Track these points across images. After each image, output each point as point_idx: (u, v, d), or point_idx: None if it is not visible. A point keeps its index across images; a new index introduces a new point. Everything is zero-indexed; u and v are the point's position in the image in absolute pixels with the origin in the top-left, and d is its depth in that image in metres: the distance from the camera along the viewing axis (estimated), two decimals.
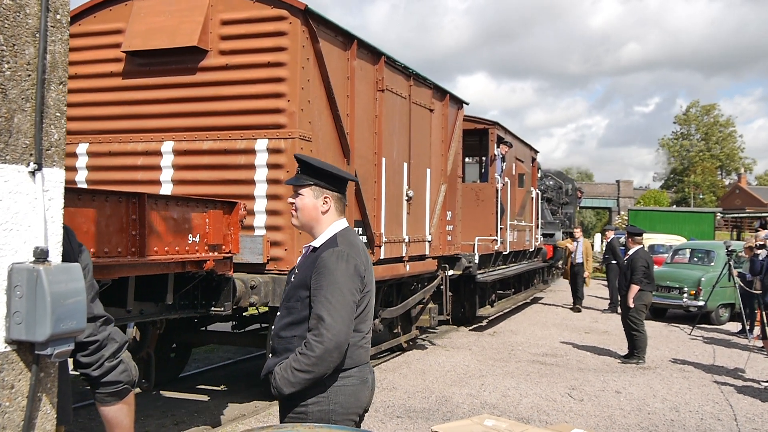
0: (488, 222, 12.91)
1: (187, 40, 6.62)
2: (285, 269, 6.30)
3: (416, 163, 9.12)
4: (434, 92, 9.83)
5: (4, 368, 1.94)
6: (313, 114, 6.63)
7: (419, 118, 9.27)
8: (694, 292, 14.04)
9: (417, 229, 9.14)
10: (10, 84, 1.94)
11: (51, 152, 2.07)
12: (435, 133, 9.87)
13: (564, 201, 25.31)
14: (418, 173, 9.18)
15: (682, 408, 7.38)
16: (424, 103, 9.42)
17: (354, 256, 2.84)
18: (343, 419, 2.81)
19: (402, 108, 8.73)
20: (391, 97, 8.34)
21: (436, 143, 9.94)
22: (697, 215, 35.87)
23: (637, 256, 9.79)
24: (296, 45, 6.43)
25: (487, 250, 12.57)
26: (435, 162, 9.87)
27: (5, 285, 1.94)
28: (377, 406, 7.03)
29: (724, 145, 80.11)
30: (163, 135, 6.92)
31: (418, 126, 9.24)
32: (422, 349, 10.19)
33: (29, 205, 2.00)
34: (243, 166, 6.54)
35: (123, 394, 2.30)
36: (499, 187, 13.08)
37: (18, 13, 1.96)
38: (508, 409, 7.13)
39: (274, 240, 6.42)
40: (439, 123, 10.05)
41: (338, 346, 2.71)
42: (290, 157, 6.29)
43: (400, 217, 8.56)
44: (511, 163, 14.42)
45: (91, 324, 2.20)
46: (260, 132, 6.53)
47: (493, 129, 13.37)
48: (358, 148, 7.47)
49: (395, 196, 8.41)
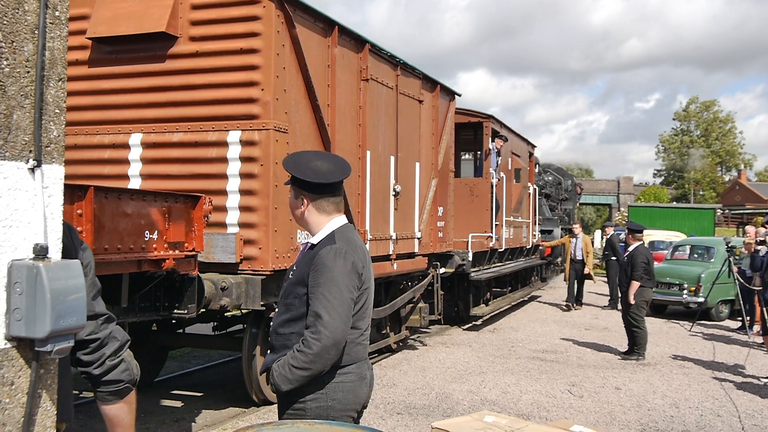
0: (483, 218, 12.56)
1: (156, 26, 6.25)
2: (259, 269, 6.00)
3: (404, 156, 8.74)
4: (423, 83, 9.41)
5: (4, 365, 1.94)
6: (289, 104, 6.28)
7: (407, 109, 8.87)
8: (694, 289, 14.05)
9: (405, 225, 8.78)
10: (9, 81, 1.94)
11: (50, 149, 2.07)
12: (425, 125, 9.48)
13: (563, 197, 24.97)
14: (406, 167, 8.81)
15: (682, 404, 7.38)
16: (412, 93, 9.02)
17: (351, 252, 2.84)
18: (341, 415, 2.82)
19: (388, 99, 8.33)
20: (376, 87, 7.94)
21: (426, 136, 9.56)
22: (697, 211, 35.93)
23: (637, 253, 9.79)
24: (270, 30, 6.04)
25: (481, 247, 12.26)
26: (425, 156, 9.49)
27: (5, 282, 1.94)
28: (377, 403, 7.04)
29: (724, 141, 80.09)
30: (131, 127, 6.54)
31: (407, 118, 8.84)
32: (413, 350, 9.96)
33: (29, 202, 2.00)
34: (215, 160, 6.19)
35: (124, 393, 2.30)
36: (494, 183, 12.74)
37: (17, 10, 1.96)
38: (508, 405, 7.14)
39: (247, 238, 6.05)
40: (429, 115, 9.67)
41: (336, 344, 2.72)
42: (264, 149, 6.03)
43: (386, 214, 8.22)
44: (507, 157, 14.06)
45: (92, 322, 2.20)
46: (233, 123, 6.15)
47: (487, 122, 12.98)
48: (340, 141, 7.11)
49: (381, 191, 8.05)
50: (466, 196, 12.49)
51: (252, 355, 6.62)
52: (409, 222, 8.90)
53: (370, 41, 7.74)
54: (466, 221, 12.01)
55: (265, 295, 6.08)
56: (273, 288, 6.21)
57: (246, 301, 5.93)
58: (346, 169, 3.00)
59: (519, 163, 15.27)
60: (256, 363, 6.61)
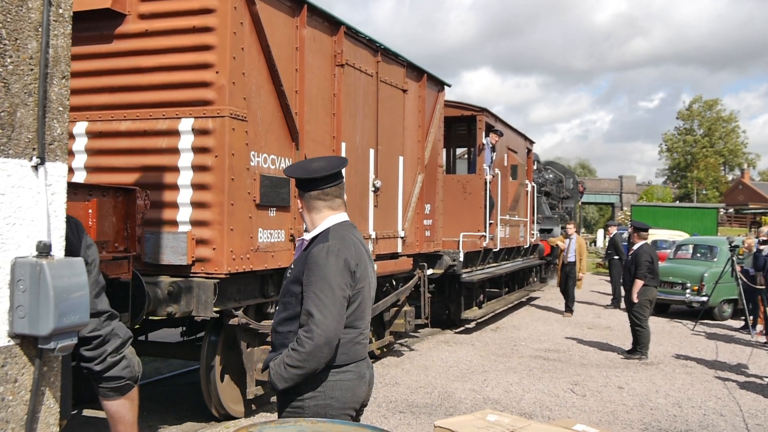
0: (476, 216, 11.93)
1: (101, 2, 5.66)
2: (213, 272, 5.43)
3: (386, 149, 8.08)
4: (408, 71, 8.75)
5: (7, 362, 1.95)
6: (249, 89, 5.69)
7: (389, 99, 8.21)
8: (696, 288, 14.04)
9: (387, 224, 8.13)
10: (12, 78, 1.94)
11: (54, 146, 2.07)
12: (410, 116, 8.84)
13: (564, 195, 24.32)
14: (388, 161, 8.14)
15: (684, 403, 7.37)
16: (395, 82, 8.36)
17: (344, 250, 2.84)
18: (339, 414, 2.83)
19: (368, 87, 7.68)
20: (353, 73, 7.31)
21: (412, 128, 8.93)
22: (700, 211, 35.92)
23: (641, 251, 9.76)
24: (226, 6, 5.46)
25: (474, 246, 11.69)
26: (410, 149, 8.86)
27: (8, 279, 1.94)
28: (380, 401, 7.04)
29: (727, 141, 79.97)
30: (76, 114, 5.87)
31: (389, 108, 8.19)
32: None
33: (32, 200, 2.00)
34: (165, 151, 5.58)
35: (125, 390, 2.31)
36: (488, 179, 12.07)
37: (20, 8, 1.96)
38: (511, 404, 7.14)
39: (200, 237, 5.46)
40: (414, 106, 9.03)
41: (328, 342, 2.72)
42: (219, 138, 5.44)
43: (364, 211, 7.58)
44: (503, 153, 13.43)
45: (95, 319, 2.21)
46: (185, 110, 5.56)
47: (481, 116, 12.32)
48: (311, 131, 6.54)
49: (359, 187, 7.40)
50: (458, 193, 11.94)
51: (210, 366, 6.06)
52: (391, 220, 8.29)
53: (346, 23, 7.13)
54: (459, 220, 11.52)
55: (223, 300, 5.58)
56: (233, 292, 5.78)
57: (197, 307, 5.41)
58: (337, 163, 3.03)
59: (515, 159, 14.73)
60: (215, 375, 6.04)
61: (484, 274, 12.21)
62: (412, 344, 10.32)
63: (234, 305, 5.81)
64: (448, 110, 11.42)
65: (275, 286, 6.32)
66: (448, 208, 10.85)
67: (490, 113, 12.64)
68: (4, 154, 1.92)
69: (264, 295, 6.29)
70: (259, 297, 6.26)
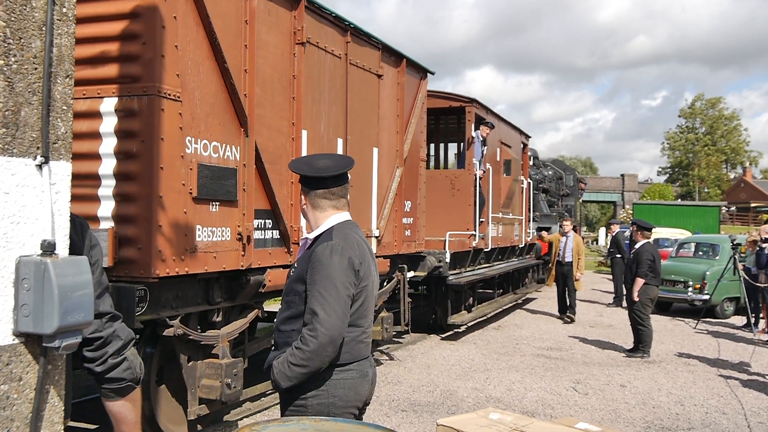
0: (465, 214, 11.08)
1: None
2: (139, 275, 4.66)
3: (357, 140, 7.32)
4: (384, 55, 7.96)
5: (12, 360, 1.95)
6: (183, 64, 4.89)
7: (362, 84, 7.44)
8: (698, 286, 14.03)
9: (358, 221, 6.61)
10: (17, 77, 1.95)
11: (58, 145, 2.08)
12: (386, 105, 8.06)
13: (564, 192, 23.76)
14: (359, 153, 7.29)
15: (686, 402, 7.37)
16: (368, 66, 7.57)
17: (348, 249, 2.84)
18: (342, 412, 2.83)
19: (335, 69, 6.91)
20: (316, 53, 6.54)
21: (388, 118, 8.12)
22: (702, 209, 35.90)
23: (643, 250, 9.75)
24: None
25: (462, 246, 10.83)
26: (386, 140, 8.06)
27: (13, 278, 1.95)
28: (382, 400, 7.05)
29: (729, 139, 79.91)
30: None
31: (360, 94, 7.41)
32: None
33: (36, 198, 2.00)
34: (85, 136, 4.72)
35: (126, 392, 2.31)
36: (479, 174, 11.26)
37: (24, 7, 1.96)
38: (513, 402, 7.14)
39: (124, 235, 4.69)
40: (392, 93, 8.26)
41: (332, 341, 2.73)
42: (146, 121, 4.66)
43: None
44: (495, 147, 12.63)
45: (97, 320, 2.21)
46: (107, 88, 4.77)
47: (470, 107, 11.43)
48: (263, 116, 5.74)
49: None
50: (446, 189, 11.17)
51: (146, 382, 5.23)
52: (363, 217, 7.45)
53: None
54: (446, 218, 10.79)
55: (155, 308, 4.85)
56: (168, 299, 5.01)
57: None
58: (344, 164, 3.02)
59: (509, 153, 13.79)
60: (151, 392, 5.35)
61: (473, 275, 11.38)
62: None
63: (169, 314, 5.02)
64: (436, 101, 10.99)
65: (223, 291, 5.61)
66: (435, 206, 10.44)
67: (480, 104, 11.79)
68: (9, 153, 1.92)
69: (209, 301, 5.47)
70: (203, 304, 5.44)
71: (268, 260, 5.88)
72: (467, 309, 11.67)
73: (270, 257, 5.92)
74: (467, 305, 11.70)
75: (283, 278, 5.65)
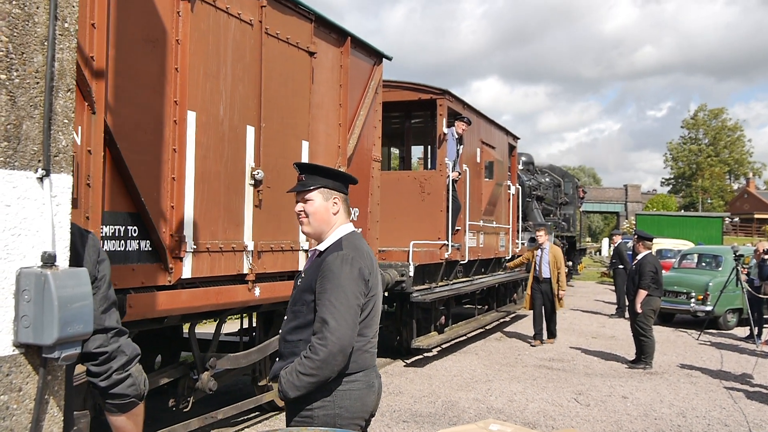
0: (436, 222, 9.78)
1: None
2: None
3: (276, 130, 5.91)
4: (319, 29, 6.59)
5: (12, 371, 1.97)
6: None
7: (285, 61, 6.04)
8: (701, 297, 14.01)
9: (279, 231, 5.96)
10: (19, 91, 1.97)
11: (59, 158, 2.10)
12: (323, 90, 6.71)
13: (563, 200, 22.76)
14: (280, 145, 5.98)
15: (689, 413, 7.35)
16: (295, 40, 6.18)
17: (359, 259, 2.87)
18: (348, 423, 2.83)
19: (243, 38, 5.52)
20: (212, 14, 5.17)
21: (326, 107, 6.78)
22: (705, 220, 35.88)
23: (645, 261, 9.76)
24: None
25: (432, 258, 9.51)
26: (322, 133, 6.72)
27: (13, 289, 1.97)
28: (383, 411, 7.04)
29: (732, 150, 79.91)
30: None
31: (283, 74, 6.02)
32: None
33: (37, 211, 2.03)
34: None
35: (128, 408, 2.32)
36: (452, 176, 9.97)
37: (27, 22, 1.99)
38: (515, 413, 7.13)
39: None
40: (332, 78, 6.89)
41: (342, 350, 2.73)
42: None
43: (237, 211, 5.44)
44: (475, 147, 11.38)
45: (102, 335, 2.22)
46: None
47: (441, 99, 10.06)
48: (125, 89, 4.41)
49: (226, 177, 5.30)
50: (414, 193, 9.89)
51: None
52: (288, 226, 6.05)
53: None
54: (416, 225, 9.64)
55: None
56: None
57: None
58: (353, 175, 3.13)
59: (491, 155, 12.32)
60: None
61: (444, 291, 9.92)
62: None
63: None
64: (403, 93, 10.06)
65: None
66: (402, 212, 9.45)
67: (453, 96, 10.39)
68: (10, 166, 1.95)
69: None
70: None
71: (130, 279, 4.44)
72: (438, 329, 10.30)
73: (134, 275, 4.48)
74: (438, 325, 10.29)
75: (167, 302, 4.71)
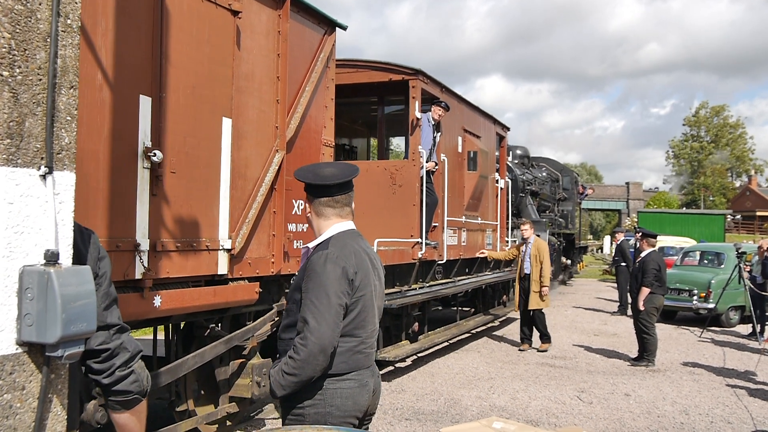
0: (408, 217, 8.76)
1: None
2: None
3: (185, 102, 4.77)
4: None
5: (15, 370, 1.96)
6: None
7: (197, 19, 4.89)
8: (704, 295, 13.99)
9: (189, 227, 4.84)
10: (21, 88, 1.96)
11: (62, 156, 2.09)
12: (254, 59, 5.60)
13: (560, 196, 21.82)
14: (193, 122, 4.85)
15: (691, 411, 7.34)
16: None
17: (343, 258, 2.85)
18: (340, 422, 2.84)
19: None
20: None
21: (258, 79, 5.66)
22: (707, 217, 35.84)
23: (648, 259, 9.74)
24: None
25: (402, 258, 8.43)
26: (253, 110, 5.57)
27: (16, 287, 1.96)
28: (386, 408, 7.04)
29: (734, 147, 79.82)
30: None
31: (194, 35, 4.86)
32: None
33: (40, 209, 2.02)
34: None
35: (132, 404, 2.31)
36: (427, 167, 8.97)
37: (29, 18, 1.98)
38: (517, 411, 7.12)
39: None
40: (266, 45, 5.76)
41: (323, 349, 2.74)
42: None
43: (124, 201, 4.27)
44: (456, 135, 10.30)
45: (104, 332, 2.22)
46: None
47: (414, 80, 8.91)
48: None
49: (105, 157, 4.12)
50: (385, 185, 8.91)
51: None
52: (201, 219, 4.94)
53: None
54: (387, 221, 8.68)
55: None
56: None
57: None
58: (349, 172, 3.05)
59: (475, 145, 11.12)
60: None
61: (417, 295, 8.78)
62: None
63: None
64: (372, 74, 9.07)
65: None
66: (369, 206, 8.51)
67: (428, 77, 9.22)
68: (13, 163, 1.94)
69: None
70: None
71: None
72: (411, 338, 9.06)
73: None
74: (411, 333, 9.05)
75: None
